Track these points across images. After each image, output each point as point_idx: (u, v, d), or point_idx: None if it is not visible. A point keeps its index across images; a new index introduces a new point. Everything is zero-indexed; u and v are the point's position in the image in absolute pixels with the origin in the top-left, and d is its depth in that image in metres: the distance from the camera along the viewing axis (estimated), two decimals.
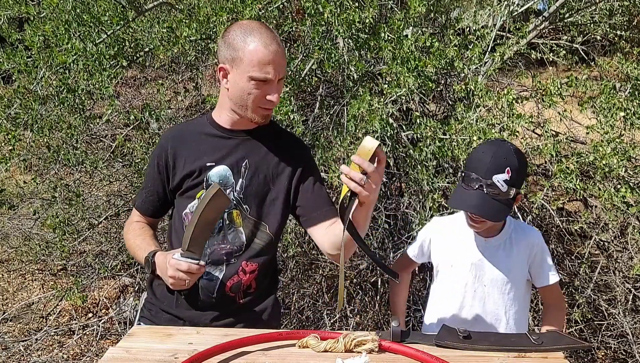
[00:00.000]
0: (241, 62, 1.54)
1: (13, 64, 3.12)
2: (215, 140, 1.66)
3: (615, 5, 3.50)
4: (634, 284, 3.19)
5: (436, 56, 2.65)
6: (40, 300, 4.19)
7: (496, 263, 1.71)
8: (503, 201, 1.59)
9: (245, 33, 1.54)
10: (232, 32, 1.57)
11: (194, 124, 1.75)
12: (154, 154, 1.73)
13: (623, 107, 2.59)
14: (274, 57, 1.54)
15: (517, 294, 1.73)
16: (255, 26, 1.56)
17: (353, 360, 1.28)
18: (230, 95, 1.60)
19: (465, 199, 1.62)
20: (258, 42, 1.52)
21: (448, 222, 1.84)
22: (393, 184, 3.40)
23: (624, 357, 3.26)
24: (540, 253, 1.73)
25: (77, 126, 3.25)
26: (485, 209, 1.59)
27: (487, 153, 1.63)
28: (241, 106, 1.60)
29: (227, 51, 1.56)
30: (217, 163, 1.63)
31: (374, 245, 3.33)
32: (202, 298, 1.63)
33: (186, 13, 3.14)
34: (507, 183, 1.58)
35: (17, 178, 4.41)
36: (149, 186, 1.73)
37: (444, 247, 1.79)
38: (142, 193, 1.77)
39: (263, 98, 1.57)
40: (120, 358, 1.32)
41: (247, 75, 1.54)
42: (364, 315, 3.31)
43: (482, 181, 1.58)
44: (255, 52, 1.52)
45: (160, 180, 1.70)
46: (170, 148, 1.68)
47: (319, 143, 2.85)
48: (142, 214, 1.77)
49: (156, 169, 1.69)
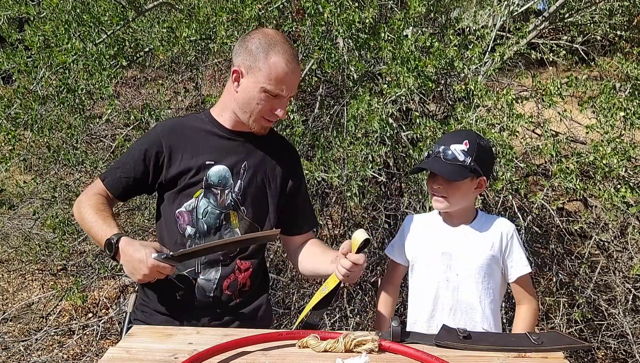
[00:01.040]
0: (259, 72, 1.54)
1: (13, 64, 3.12)
2: (215, 139, 1.66)
3: (615, 5, 3.50)
4: (634, 284, 3.19)
5: (436, 55, 2.65)
6: (40, 300, 4.19)
7: (465, 250, 1.72)
8: (459, 165, 1.65)
9: (269, 44, 1.54)
10: (255, 39, 1.56)
11: (192, 120, 1.71)
12: (142, 141, 1.69)
13: (623, 107, 2.59)
14: (292, 76, 1.56)
15: (491, 284, 1.71)
16: (279, 39, 1.57)
17: (353, 360, 1.28)
18: (237, 99, 1.60)
19: (423, 164, 1.75)
20: (281, 58, 1.53)
21: (420, 218, 1.88)
22: (393, 184, 3.40)
23: (624, 357, 3.26)
24: (512, 242, 1.72)
25: (77, 126, 3.25)
26: (441, 168, 1.66)
27: (451, 132, 1.84)
28: (245, 112, 1.60)
29: (246, 56, 1.56)
30: (217, 162, 1.63)
31: (374, 244, 3.33)
32: (199, 298, 1.64)
33: (186, 13, 3.14)
34: (465, 153, 1.65)
35: (17, 178, 4.40)
36: (127, 168, 1.66)
37: (416, 240, 1.81)
38: (115, 171, 1.68)
39: (269, 111, 1.59)
40: (120, 358, 1.32)
41: (260, 85, 1.55)
42: (364, 315, 3.31)
43: (440, 149, 1.68)
44: (275, 67, 1.53)
45: (144, 168, 1.64)
46: (166, 140, 1.64)
47: (319, 143, 2.85)
48: (108, 190, 1.68)
49: (142, 156, 1.64)
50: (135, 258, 1.47)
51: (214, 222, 1.62)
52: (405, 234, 1.84)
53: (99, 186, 1.69)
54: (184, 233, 1.63)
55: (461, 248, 1.73)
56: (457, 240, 1.74)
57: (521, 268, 1.72)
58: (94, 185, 1.70)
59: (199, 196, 1.62)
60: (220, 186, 1.63)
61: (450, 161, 1.66)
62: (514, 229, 1.74)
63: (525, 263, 1.72)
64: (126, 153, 1.74)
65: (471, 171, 1.66)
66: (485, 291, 1.71)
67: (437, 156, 1.68)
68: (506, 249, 1.72)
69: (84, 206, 1.63)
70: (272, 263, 3.55)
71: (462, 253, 1.72)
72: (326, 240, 3.64)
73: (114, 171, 1.69)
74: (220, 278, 1.63)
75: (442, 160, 1.67)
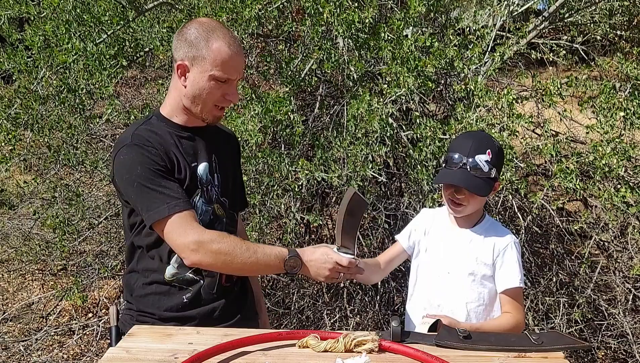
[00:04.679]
0: (203, 61, 1.51)
1: (13, 64, 3.12)
2: (185, 141, 1.62)
3: (615, 5, 3.50)
4: (634, 284, 3.19)
5: (436, 55, 2.65)
6: (40, 300, 4.18)
7: (460, 253, 1.73)
8: (485, 178, 1.67)
9: (207, 31, 1.52)
10: (192, 30, 1.53)
11: (156, 127, 1.60)
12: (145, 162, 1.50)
13: (623, 107, 2.60)
14: (237, 58, 1.54)
15: (482, 292, 1.72)
16: (215, 25, 1.55)
17: (353, 360, 1.28)
18: (187, 93, 1.57)
19: (449, 176, 1.70)
20: (222, 42, 1.51)
21: (433, 212, 1.93)
22: (393, 184, 3.40)
23: (624, 357, 3.26)
24: (504, 253, 1.71)
25: (77, 126, 3.25)
26: (468, 183, 1.66)
27: (469, 137, 1.78)
28: (198, 104, 1.58)
29: (188, 48, 1.52)
30: (198, 163, 1.63)
31: (374, 244, 3.33)
32: (204, 297, 1.63)
33: (186, 13, 3.14)
34: (489, 163, 1.66)
35: (17, 178, 4.41)
36: (173, 186, 1.52)
37: (423, 231, 1.85)
38: (173, 195, 1.50)
39: (222, 98, 1.58)
40: (120, 358, 1.32)
41: (208, 74, 1.52)
42: (364, 315, 3.31)
43: (465, 160, 1.67)
44: (219, 52, 1.51)
45: (173, 176, 1.55)
46: (159, 149, 1.54)
47: (319, 142, 2.85)
48: (193, 211, 1.54)
49: (163, 169, 1.52)
50: (319, 260, 1.55)
51: (207, 218, 1.63)
52: (418, 223, 1.89)
53: (188, 222, 1.50)
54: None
55: (457, 250, 1.75)
56: (457, 242, 1.76)
57: (509, 281, 1.69)
58: (184, 227, 1.48)
59: (196, 197, 1.62)
60: (207, 184, 1.64)
61: (477, 174, 1.66)
62: (512, 242, 1.73)
63: (515, 277, 1.69)
64: (149, 184, 1.50)
65: (495, 181, 1.70)
66: (473, 297, 1.72)
67: (464, 168, 1.66)
68: (497, 260, 1.72)
69: (235, 253, 1.49)
70: None
71: (456, 255, 1.74)
72: (326, 240, 3.64)
73: (172, 196, 1.50)
74: (219, 272, 1.64)
75: (469, 172, 1.66)
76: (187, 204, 1.51)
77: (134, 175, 1.50)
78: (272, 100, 2.70)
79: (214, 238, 1.50)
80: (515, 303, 1.71)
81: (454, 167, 1.68)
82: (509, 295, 1.71)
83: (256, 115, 2.71)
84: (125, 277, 1.71)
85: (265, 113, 2.69)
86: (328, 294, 3.42)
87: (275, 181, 2.86)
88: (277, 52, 3.46)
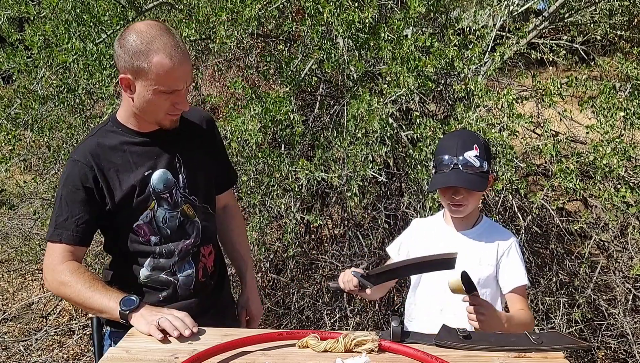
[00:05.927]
0: (146, 76, 1.45)
1: (13, 64, 3.12)
2: (139, 148, 1.60)
3: (615, 5, 3.50)
4: (634, 284, 3.19)
5: (436, 55, 2.65)
6: (40, 300, 4.18)
7: (466, 256, 1.70)
8: (478, 173, 1.67)
9: (146, 43, 1.44)
10: (131, 40, 1.45)
11: (104, 137, 1.59)
12: (71, 180, 1.55)
13: (623, 107, 2.60)
14: (180, 68, 1.46)
15: (483, 292, 1.70)
16: (155, 34, 1.45)
17: (353, 360, 1.28)
18: (136, 105, 1.53)
19: (444, 179, 1.69)
20: (162, 54, 1.43)
21: (425, 222, 1.92)
22: (393, 184, 3.40)
23: (624, 357, 3.26)
24: (508, 252, 1.72)
25: (77, 126, 3.25)
26: (465, 181, 1.65)
27: (452, 137, 1.81)
28: (149, 115, 1.56)
29: (128, 60, 1.45)
30: (154, 170, 1.60)
31: (374, 244, 3.33)
32: (181, 293, 1.66)
33: (186, 13, 3.14)
34: (478, 158, 1.66)
35: (17, 178, 4.41)
36: (78, 213, 1.54)
37: (418, 242, 1.83)
38: (66, 223, 1.53)
39: (172, 107, 1.54)
40: (120, 358, 1.32)
41: (153, 88, 1.47)
42: (364, 315, 3.31)
43: (456, 159, 1.67)
44: (160, 66, 1.43)
45: (95, 203, 1.55)
46: (94, 167, 1.54)
47: (319, 142, 2.85)
48: (75, 246, 1.55)
49: (83, 192, 1.53)
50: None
51: (174, 224, 1.63)
52: (410, 236, 1.87)
53: (58, 251, 1.54)
54: (150, 243, 1.62)
55: (459, 253, 1.73)
56: (458, 245, 1.73)
57: (517, 279, 1.70)
58: (53, 254, 1.55)
59: (153, 208, 1.60)
60: (167, 191, 1.61)
61: (470, 171, 1.66)
62: (513, 242, 1.73)
63: (521, 275, 1.70)
64: (61, 201, 1.56)
65: (488, 174, 1.70)
66: None
67: (456, 169, 1.66)
68: (502, 260, 1.71)
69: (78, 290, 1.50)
70: (272, 263, 3.56)
71: (458, 258, 1.72)
72: (326, 240, 3.64)
73: (65, 224, 1.54)
74: (196, 270, 1.67)
75: (462, 171, 1.66)
76: (69, 238, 1.54)
77: (59, 188, 1.59)
78: (272, 100, 2.70)
79: (65, 272, 1.52)
80: (525, 300, 1.72)
81: (446, 169, 1.68)
82: (518, 293, 1.71)
83: (256, 115, 2.71)
84: (103, 272, 1.75)
85: (265, 113, 2.69)
86: (328, 294, 3.42)
87: (275, 181, 2.86)
88: (277, 52, 3.45)
